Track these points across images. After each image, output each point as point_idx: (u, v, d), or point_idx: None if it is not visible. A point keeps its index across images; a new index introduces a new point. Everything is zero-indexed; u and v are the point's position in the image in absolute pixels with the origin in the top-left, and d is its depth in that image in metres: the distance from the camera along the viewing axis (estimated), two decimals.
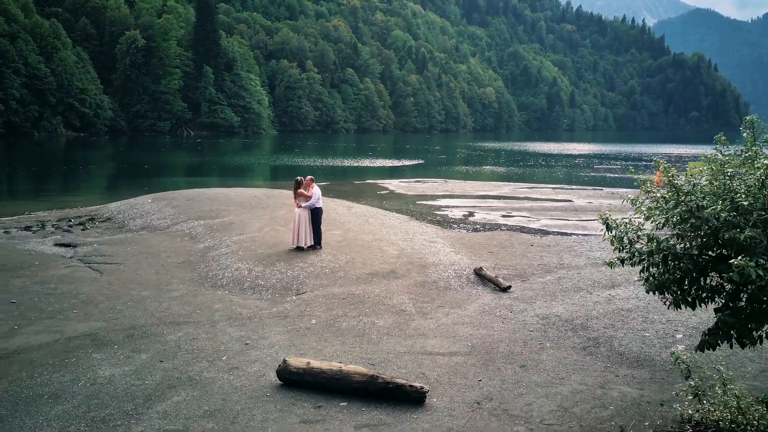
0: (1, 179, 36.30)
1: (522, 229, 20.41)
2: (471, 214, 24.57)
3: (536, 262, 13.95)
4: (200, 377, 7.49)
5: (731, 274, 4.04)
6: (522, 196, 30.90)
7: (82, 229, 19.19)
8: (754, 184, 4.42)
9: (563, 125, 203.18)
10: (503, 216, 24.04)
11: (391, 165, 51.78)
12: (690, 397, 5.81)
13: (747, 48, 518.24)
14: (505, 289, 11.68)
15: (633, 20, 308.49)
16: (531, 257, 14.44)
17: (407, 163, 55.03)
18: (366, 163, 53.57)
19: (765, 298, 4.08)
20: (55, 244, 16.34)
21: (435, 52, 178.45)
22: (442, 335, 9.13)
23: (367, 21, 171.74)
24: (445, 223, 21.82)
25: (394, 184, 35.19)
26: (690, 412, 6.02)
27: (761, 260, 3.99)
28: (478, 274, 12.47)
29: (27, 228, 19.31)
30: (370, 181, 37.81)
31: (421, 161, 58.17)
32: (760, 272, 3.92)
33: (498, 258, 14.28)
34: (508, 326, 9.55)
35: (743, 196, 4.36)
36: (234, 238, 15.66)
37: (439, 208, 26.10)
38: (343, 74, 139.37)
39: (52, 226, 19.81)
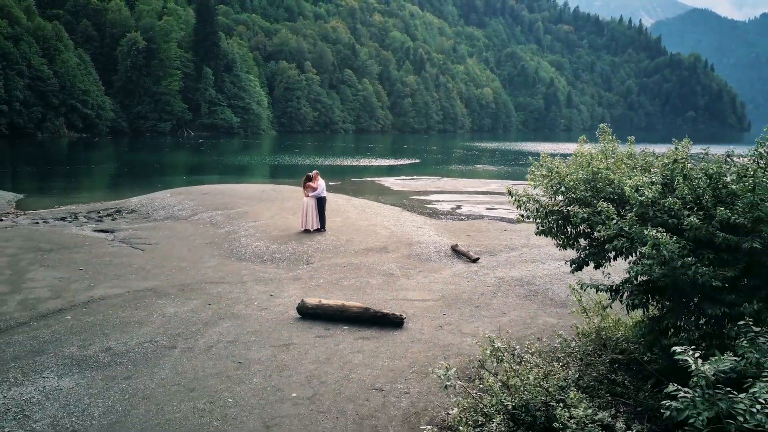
0: (16, 178, 37.93)
1: (501, 219, 23.10)
2: (458, 207, 27.27)
3: (506, 242, 16.66)
4: (240, 314, 10.22)
5: (574, 218, 6.75)
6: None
7: (112, 219, 21.70)
8: (586, 164, 7.22)
9: (560, 125, 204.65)
10: (487, 209, 26.74)
11: (388, 164, 54.04)
12: (580, 314, 8.51)
13: (744, 48, 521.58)
14: (475, 261, 14.40)
15: (630, 21, 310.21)
16: (502, 239, 17.14)
17: (404, 162, 57.34)
18: (364, 162, 55.73)
19: (607, 237, 6.70)
20: (95, 230, 18.97)
21: (433, 53, 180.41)
22: (420, 289, 11.89)
23: (365, 22, 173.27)
24: (434, 214, 24.52)
25: (390, 182, 37.79)
26: (585, 327, 8.71)
27: (587, 209, 6.77)
28: (454, 249, 15.20)
29: (62, 219, 21.78)
30: (368, 179, 40.31)
31: (417, 160, 60.46)
32: (584, 215, 6.67)
33: (473, 239, 17.00)
34: (472, 284, 12.30)
35: (581, 172, 7.13)
36: (250, 224, 18.34)
37: (430, 202, 28.78)
38: (341, 75, 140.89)
39: (84, 216, 22.31)
